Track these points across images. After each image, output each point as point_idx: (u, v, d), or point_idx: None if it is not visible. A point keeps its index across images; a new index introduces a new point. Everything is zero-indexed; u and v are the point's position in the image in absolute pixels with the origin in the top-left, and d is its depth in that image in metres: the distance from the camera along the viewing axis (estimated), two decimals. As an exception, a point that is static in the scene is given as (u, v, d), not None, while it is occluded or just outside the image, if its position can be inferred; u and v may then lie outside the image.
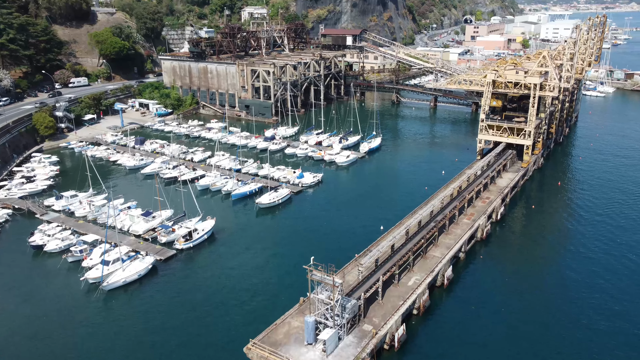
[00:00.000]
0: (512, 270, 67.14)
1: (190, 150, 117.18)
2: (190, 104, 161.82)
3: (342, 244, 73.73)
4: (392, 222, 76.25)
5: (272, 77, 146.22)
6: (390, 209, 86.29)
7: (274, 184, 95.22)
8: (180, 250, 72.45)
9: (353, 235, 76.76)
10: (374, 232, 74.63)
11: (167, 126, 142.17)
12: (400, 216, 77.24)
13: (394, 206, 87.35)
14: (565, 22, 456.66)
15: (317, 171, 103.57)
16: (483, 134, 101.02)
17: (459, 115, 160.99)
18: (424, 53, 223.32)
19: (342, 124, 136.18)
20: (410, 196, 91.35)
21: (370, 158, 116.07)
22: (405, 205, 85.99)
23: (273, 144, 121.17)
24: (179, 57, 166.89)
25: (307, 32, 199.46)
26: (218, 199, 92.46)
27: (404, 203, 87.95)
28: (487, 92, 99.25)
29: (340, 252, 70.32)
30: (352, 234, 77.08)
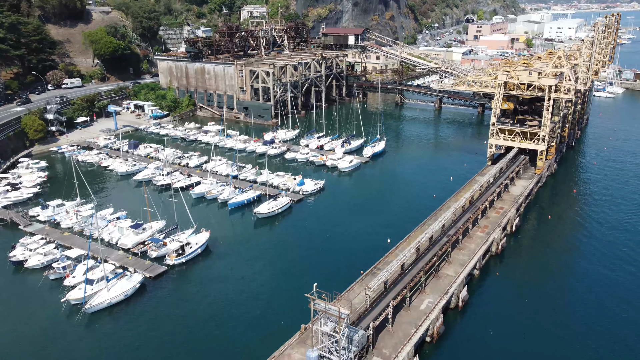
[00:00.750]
0: (531, 289, 61.77)
1: (185, 155, 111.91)
2: (187, 106, 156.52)
3: (347, 258, 68.44)
4: (400, 233, 71.15)
5: (271, 78, 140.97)
6: (397, 218, 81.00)
7: (273, 192, 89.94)
8: (172, 266, 67.13)
9: (358, 248, 71.46)
10: (380, 246, 69.42)
11: (163, 129, 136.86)
12: (408, 227, 72.08)
13: (401, 216, 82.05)
14: (568, 21, 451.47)
15: (318, 177, 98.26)
16: (494, 139, 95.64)
17: (465, 117, 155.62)
18: (427, 53, 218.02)
19: (345, 126, 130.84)
20: (418, 205, 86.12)
21: (374, 163, 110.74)
22: (413, 214, 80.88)
23: (272, 148, 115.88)
24: (175, 57, 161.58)
25: (307, 32, 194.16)
26: (214, 208, 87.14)
27: (411, 212, 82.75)
28: (499, 95, 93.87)
29: (344, 268, 65.19)
30: (357, 247, 71.76)
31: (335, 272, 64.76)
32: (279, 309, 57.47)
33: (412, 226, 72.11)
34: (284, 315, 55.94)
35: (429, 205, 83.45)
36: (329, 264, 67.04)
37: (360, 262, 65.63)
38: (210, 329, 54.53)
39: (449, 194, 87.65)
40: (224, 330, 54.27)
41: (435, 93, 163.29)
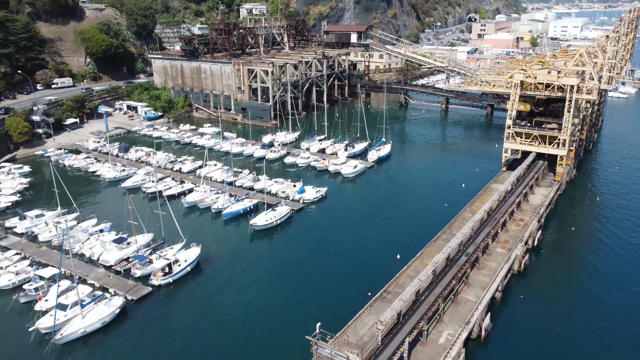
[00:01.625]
0: (560, 313, 54.84)
1: (178, 160, 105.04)
2: (183, 107, 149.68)
3: (353, 278, 61.58)
4: (410, 248, 64.41)
5: (270, 78, 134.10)
6: (406, 230, 74.12)
7: (272, 200, 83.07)
8: (158, 286, 60.25)
9: (365, 266, 64.58)
10: (389, 263, 62.82)
11: (156, 131, 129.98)
12: (419, 241, 65.25)
13: (410, 227, 75.15)
14: (573, 20, 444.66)
15: (320, 184, 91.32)
16: (509, 143, 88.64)
17: (473, 119, 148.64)
18: (431, 52, 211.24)
19: (348, 129, 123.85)
20: (429, 215, 79.26)
21: (379, 168, 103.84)
22: (424, 226, 74.13)
23: (271, 152, 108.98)
24: (170, 56, 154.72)
25: (308, 29, 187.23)
26: (207, 218, 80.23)
27: (422, 223, 75.93)
28: (515, 95, 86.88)
29: (350, 290, 58.41)
30: (363, 265, 64.87)
31: (340, 295, 57.93)
32: (276, 338, 50.54)
33: (423, 240, 65.23)
34: (281, 345, 49.04)
35: (441, 216, 76.63)
36: (333, 285, 60.17)
37: (368, 282, 58.90)
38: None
39: (462, 203, 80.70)
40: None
41: (442, 93, 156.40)
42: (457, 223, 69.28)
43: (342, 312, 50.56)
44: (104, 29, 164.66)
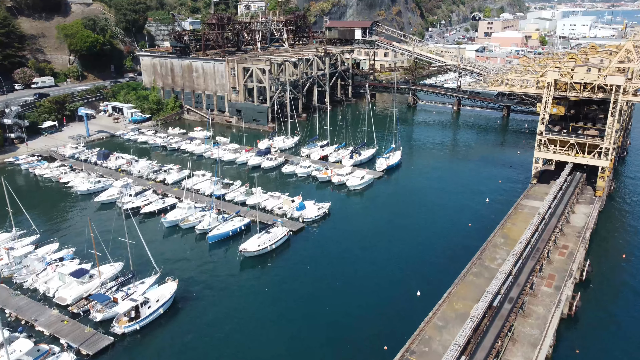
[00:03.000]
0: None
1: (163, 169, 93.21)
2: (173, 108, 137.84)
3: (364, 323, 49.78)
4: (433, 282, 53.73)
5: (267, 77, 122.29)
6: (426, 258, 62.35)
7: (266, 219, 71.31)
8: (122, 335, 48.48)
9: (379, 305, 52.83)
10: (408, 301, 51.27)
11: (142, 135, 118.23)
12: (442, 273, 54.37)
13: (430, 254, 63.37)
14: (582, 18, 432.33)
15: (322, 198, 79.48)
16: (542, 151, 76.72)
17: (488, 121, 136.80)
18: (438, 50, 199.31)
19: (353, 133, 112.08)
20: (451, 237, 67.54)
21: (389, 178, 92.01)
22: (447, 251, 62.68)
23: (267, 160, 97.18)
24: (159, 53, 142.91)
25: (309, 25, 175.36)
26: (189, 241, 68.40)
27: (444, 248, 64.24)
28: (548, 96, 74.99)
29: (361, 341, 46.59)
30: (377, 304, 53.09)
31: (349, 349, 46.13)
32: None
33: (448, 272, 53.92)
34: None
35: (465, 239, 65.15)
36: (340, 333, 48.37)
37: (384, 329, 47.33)
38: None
39: (488, 222, 69.26)
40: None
41: (453, 94, 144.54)
42: (488, 251, 57.50)
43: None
44: (89, 24, 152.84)
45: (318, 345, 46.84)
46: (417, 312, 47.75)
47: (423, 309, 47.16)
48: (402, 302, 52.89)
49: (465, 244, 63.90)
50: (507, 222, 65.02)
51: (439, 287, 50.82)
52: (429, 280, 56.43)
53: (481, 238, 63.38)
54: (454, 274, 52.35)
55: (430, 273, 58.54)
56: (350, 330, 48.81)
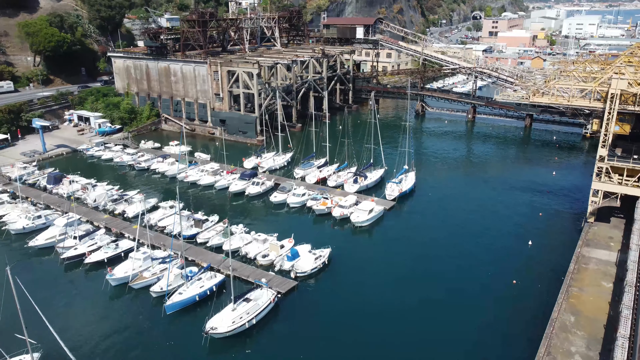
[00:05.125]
0: None
1: (124, 197, 75.61)
2: (149, 117, 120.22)
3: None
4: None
5: (256, 81, 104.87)
6: (460, 340, 45.06)
7: (246, 274, 54.03)
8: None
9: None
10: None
11: (108, 151, 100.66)
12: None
13: (466, 331, 46.11)
14: (588, 17, 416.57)
15: (320, 239, 62.19)
16: (602, 182, 59.63)
17: (508, 132, 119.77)
18: (443, 50, 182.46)
19: (356, 148, 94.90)
20: (490, 303, 50.28)
21: (402, 209, 74.71)
22: (488, 328, 45.35)
23: (253, 185, 79.76)
24: (133, 54, 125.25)
25: (304, 23, 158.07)
26: (142, 308, 50.93)
27: (484, 324, 46.91)
28: (612, 111, 57.90)
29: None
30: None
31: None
32: None
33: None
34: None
35: (512, 309, 48.09)
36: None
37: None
38: None
39: (539, 279, 52.74)
40: None
41: (468, 100, 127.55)
42: (556, 339, 40.34)
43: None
44: (55, 21, 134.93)
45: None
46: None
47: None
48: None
49: (516, 319, 46.85)
50: (571, 287, 47.87)
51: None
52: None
53: (535, 306, 46.69)
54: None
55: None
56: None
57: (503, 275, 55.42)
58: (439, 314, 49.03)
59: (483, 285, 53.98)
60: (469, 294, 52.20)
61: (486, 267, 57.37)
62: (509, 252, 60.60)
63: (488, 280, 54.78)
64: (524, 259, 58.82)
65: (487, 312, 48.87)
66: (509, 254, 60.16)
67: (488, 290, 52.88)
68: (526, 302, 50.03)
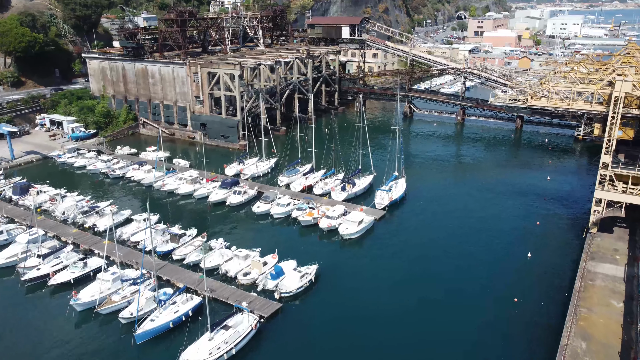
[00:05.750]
0: None
1: (95, 209, 70.30)
2: (125, 121, 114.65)
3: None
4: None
5: (238, 83, 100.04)
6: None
7: (225, 296, 49.41)
8: None
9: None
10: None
11: (81, 158, 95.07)
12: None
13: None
14: (570, 17, 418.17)
15: (307, 254, 57.90)
16: (606, 191, 56.10)
17: (499, 134, 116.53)
18: (430, 50, 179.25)
19: (344, 154, 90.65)
20: (490, 318, 46.29)
21: (393, 218, 70.59)
22: (490, 350, 41.25)
23: (234, 194, 75.00)
24: (109, 55, 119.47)
25: (288, 22, 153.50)
26: (108, 335, 45.98)
27: (483, 342, 42.86)
28: (616, 115, 54.41)
29: None
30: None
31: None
32: None
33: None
34: None
35: (517, 335, 44.02)
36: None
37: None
38: None
39: (543, 297, 48.86)
40: None
41: (457, 101, 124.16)
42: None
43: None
44: (26, 20, 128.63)
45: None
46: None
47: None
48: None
49: (520, 344, 42.93)
50: (579, 307, 44.07)
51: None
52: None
53: (540, 327, 43.03)
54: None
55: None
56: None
57: (503, 292, 51.52)
58: (436, 343, 44.94)
59: (482, 302, 49.96)
60: (466, 315, 48.16)
61: (484, 282, 53.44)
62: (508, 266, 56.76)
63: (488, 298, 50.79)
64: (524, 274, 55.00)
65: (487, 334, 44.90)
66: (508, 268, 56.31)
67: (488, 309, 48.91)
68: (530, 323, 46.18)
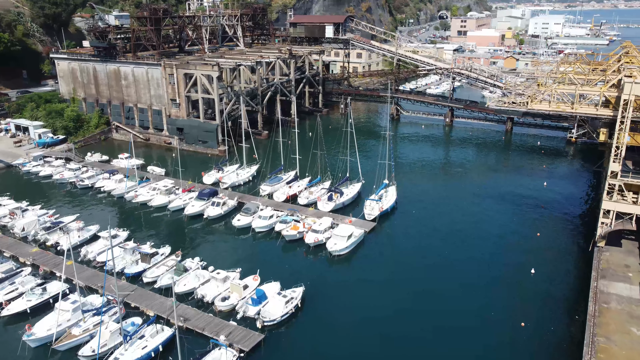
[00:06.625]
0: None
1: (59, 225, 64.06)
2: (97, 126, 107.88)
3: None
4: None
5: (216, 85, 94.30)
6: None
7: (200, 326, 43.91)
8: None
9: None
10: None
11: (47, 166, 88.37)
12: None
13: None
14: (551, 17, 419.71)
15: (291, 275, 52.70)
16: (615, 202, 51.93)
17: (489, 137, 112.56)
18: (415, 49, 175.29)
19: (330, 160, 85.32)
20: (495, 347, 41.66)
21: (384, 230, 65.70)
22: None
23: (212, 206, 69.36)
24: (78, 56, 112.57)
25: (269, 21, 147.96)
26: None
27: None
28: (626, 119, 50.27)
29: None
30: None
31: None
32: None
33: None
34: None
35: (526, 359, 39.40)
36: None
37: None
38: None
39: (552, 321, 44.63)
40: None
41: (446, 103, 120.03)
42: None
43: None
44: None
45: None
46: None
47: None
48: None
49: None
50: (596, 336, 39.59)
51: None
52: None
53: (553, 358, 38.29)
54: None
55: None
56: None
57: (508, 315, 47.00)
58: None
59: (486, 328, 45.34)
60: (469, 343, 43.47)
61: (487, 304, 48.79)
62: (511, 284, 52.26)
63: (492, 323, 46.18)
64: (529, 293, 50.57)
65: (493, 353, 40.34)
66: (511, 287, 51.81)
67: (493, 335, 44.30)
68: (540, 352, 41.71)
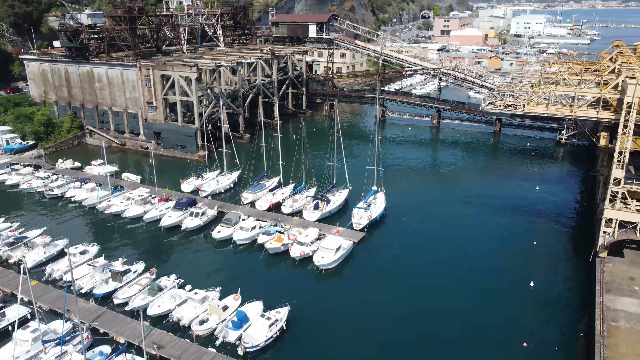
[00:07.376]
0: None
1: (23, 240, 59.20)
2: (70, 130, 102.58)
3: None
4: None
5: (195, 87, 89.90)
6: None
7: (180, 352, 39.80)
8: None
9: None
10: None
11: (15, 174, 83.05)
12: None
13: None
14: (533, 17, 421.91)
15: (275, 294, 48.81)
16: (618, 210, 49.09)
17: (477, 138, 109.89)
18: (400, 49, 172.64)
19: (315, 165, 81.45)
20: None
21: (373, 240, 62.17)
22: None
23: (190, 217, 65.08)
24: (49, 57, 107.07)
25: (251, 20, 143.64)
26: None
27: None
28: (629, 123, 47.44)
29: None
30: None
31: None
32: None
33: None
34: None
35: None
36: None
37: None
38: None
39: (555, 340, 41.45)
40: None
41: (433, 104, 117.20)
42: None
43: None
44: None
45: None
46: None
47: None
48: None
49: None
50: (607, 358, 36.50)
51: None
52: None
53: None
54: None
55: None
56: None
57: (509, 333, 43.79)
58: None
59: (486, 350, 42.02)
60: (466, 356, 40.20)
61: (486, 322, 45.52)
62: (510, 299, 49.09)
63: (492, 344, 42.90)
64: (529, 309, 47.44)
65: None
66: (510, 302, 48.63)
67: (493, 358, 41.03)
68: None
